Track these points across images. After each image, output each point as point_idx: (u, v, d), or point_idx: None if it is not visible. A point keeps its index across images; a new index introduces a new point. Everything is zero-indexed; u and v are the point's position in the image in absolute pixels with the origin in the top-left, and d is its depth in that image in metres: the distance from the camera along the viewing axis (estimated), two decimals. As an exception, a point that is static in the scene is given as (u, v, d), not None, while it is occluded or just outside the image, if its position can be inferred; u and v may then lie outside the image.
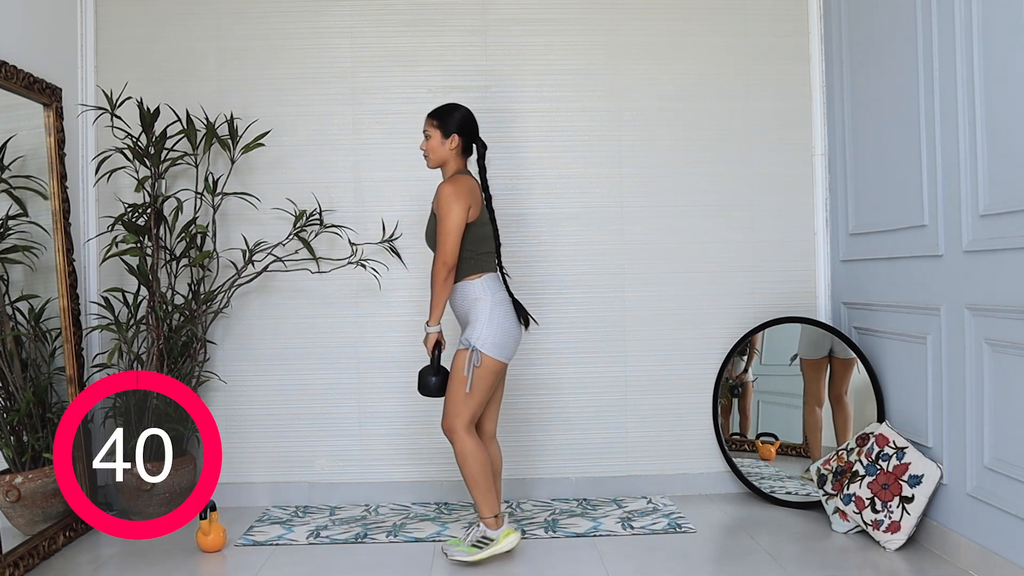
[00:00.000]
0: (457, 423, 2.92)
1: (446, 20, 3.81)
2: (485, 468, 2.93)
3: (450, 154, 3.00)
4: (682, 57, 3.83)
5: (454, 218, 2.87)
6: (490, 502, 2.95)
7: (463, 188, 2.90)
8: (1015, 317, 2.53)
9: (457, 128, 2.99)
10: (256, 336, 3.76)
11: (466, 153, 3.05)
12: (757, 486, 3.65)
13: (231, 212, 3.73)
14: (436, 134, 3.00)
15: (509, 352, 2.95)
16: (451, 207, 2.86)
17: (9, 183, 3.15)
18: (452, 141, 2.99)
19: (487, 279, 2.96)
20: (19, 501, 3.02)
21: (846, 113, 3.62)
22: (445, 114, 3.00)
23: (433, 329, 2.96)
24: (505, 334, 2.92)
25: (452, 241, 2.87)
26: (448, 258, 2.88)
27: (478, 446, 2.93)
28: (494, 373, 2.92)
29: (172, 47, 3.77)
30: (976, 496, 2.75)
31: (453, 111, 3.01)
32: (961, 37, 2.76)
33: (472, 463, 2.91)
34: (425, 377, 2.99)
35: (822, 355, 3.58)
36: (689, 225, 3.83)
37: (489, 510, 2.95)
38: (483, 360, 2.88)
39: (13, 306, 3.17)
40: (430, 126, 3.01)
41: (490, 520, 2.95)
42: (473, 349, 2.88)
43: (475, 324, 2.91)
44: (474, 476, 2.92)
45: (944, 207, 2.90)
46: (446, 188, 2.89)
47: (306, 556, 3.07)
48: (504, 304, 2.96)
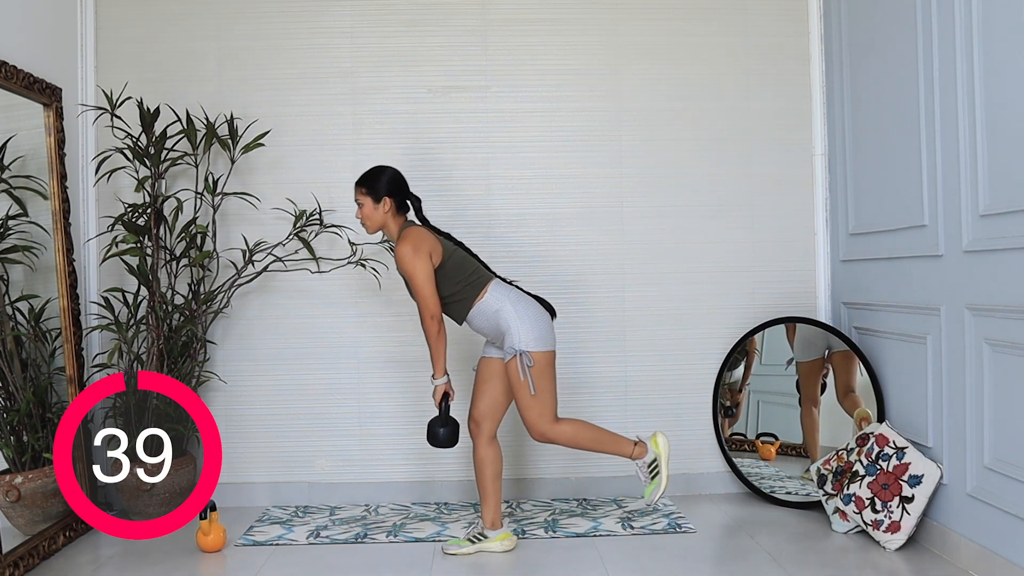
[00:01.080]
0: (544, 425, 2.99)
1: (446, 20, 3.81)
2: (594, 428, 3.07)
3: (386, 217, 3.02)
4: (682, 57, 3.83)
5: (421, 273, 2.91)
6: (620, 443, 3.08)
7: (417, 241, 2.93)
8: (1015, 317, 2.53)
9: (387, 191, 3.00)
10: (256, 336, 3.76)
11: (402, 210, 3.06)
12: (757, 486, 3.65)
13: (231, 212, 3.73)
14: (367, 201, 3.02)
15: (551, 338, 2.99)
16: (415, 264, 2.90)
17: (9, 183, 3.15)
18: (384, 205, 3.00)
19: (494, 288, 3.00)
20: (19, 501, 3.02)
21: (846, 113, 3.62)
22: (372, 180, 3.02)
23: (440, 381, 3.01)
24: (540, 324, 2.97)
25: (429, 293, 2.93)
26: (433, 310, 2.94)
27: (572, 423, 3.05)
28: (549, 364, 2.97)
29: (172, 47, 3.77)
30: (976, 496, 2.75)
31: (379, 175, 3.02)
32: (961, 37, 2.76)
33: (584, 436, 3.04)
34: (434, 428, 3.02)
35: (816, 356, 3.58)
36: (689, 225, 3.83)
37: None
38: (533, 358, 2.92)
39: (13, 306, 3.17)
40: (360, 194, 3.03)
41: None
42: (520, 353, 2.91)
43: (510, 330, 2.94)
44: (595, 441, 3.06)
45: (944, 207, 2.90)
46: (402, 249, 2.92)
47: (306, 556, 3.07)
48: (523, 298, 3.01)
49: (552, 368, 2.99)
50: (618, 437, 3.10)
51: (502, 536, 3.07)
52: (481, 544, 3.05)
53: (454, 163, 3.80)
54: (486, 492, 3.07)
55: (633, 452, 3.09)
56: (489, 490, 3.07)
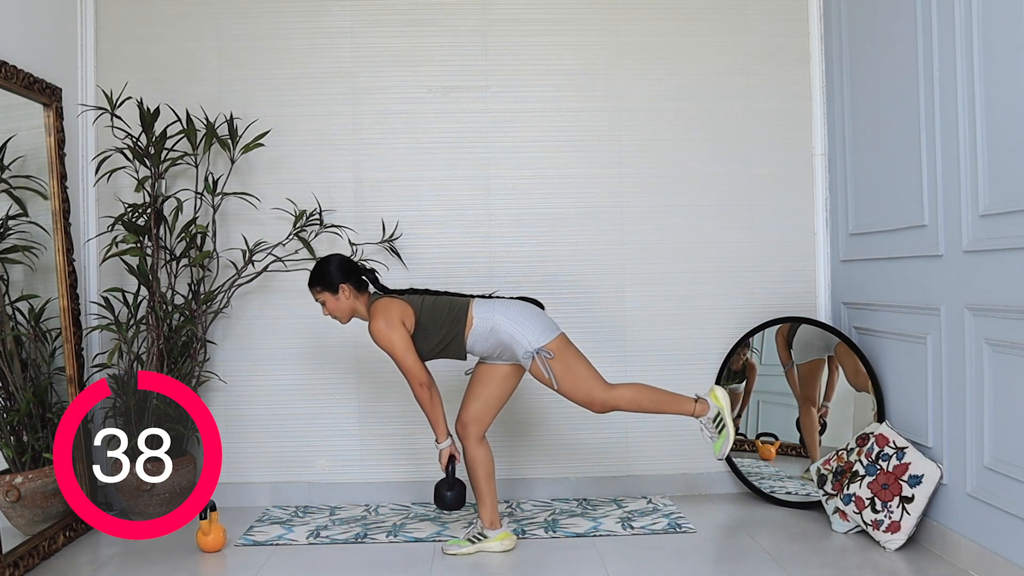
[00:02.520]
0: (599, 397, 2.97)
1: (446, 20, 3.81)
2: (652, 389, 3.04)
3: (351, 302, 3.01)
4: (682, 57, 3.83)
5: (399, 344, 2.90)
6: (682, 402, 3.03)
7: (387, 313, 2.92)
8: (1015, 317, 2.53)
9: (340, 278, 2.99)
10: (256, 336, 3.76)
11: (362, 289, 3.05)
12: (757, 486, 3.65)
13: (231, 212, 3.73)
14: (327, 296, 3.01)
15: (553, 325, 2.99)
16: (391, 339, 2.90)
17: (9, 183, 3.15)
18: (344, 292, 2.99)
19: (478, 309, 2.97)
20: (19, 501, 3.02)
21: (846, 113, 3.62)
22: (322, 275, 3.00)
23: (443, 445, 3.01)
24: (536, 318, 2.97)
25: (412, 363, 2.92)
26: (420, 379, 2.93)
27: (629, 385, 3.03)
28: (566, 346, 2.96)
29: (172, 47, 3.77)
30: (976, 496, 2.75)
31: (326, 267, 3.00)
32: (961, 37, 2.76)
33: (644, 397, 3.01)
34: (441, 491, 3.01)
35: (814, 357, 3.58)
36: (689, 225, 3.83)
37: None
38: (550, 349, 2.91)
39: (13, 306, 3.17)
40: (317, 293, 3.02)
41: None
42: (535, 353, 2.90)
43: (514, 339, 2.93)
44: (655, 401, 3.02)
45: (944, 207, 2.90)
46: (375, 327, 2.91)
47: (306, 556, 3.07)
48: (509, 304, 3.00)
49: (572, 347, 2.97)
50: (678, 396, 3.04)
51: (502, 536, 3.07)
52: (481, 544, 3.05)
53: (454, 163, 3.80)
54: (481, 492, 3.07)
55: (695, 410, 3.03)
56: (483, 490, 3.07)
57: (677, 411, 3.05)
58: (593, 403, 2.98)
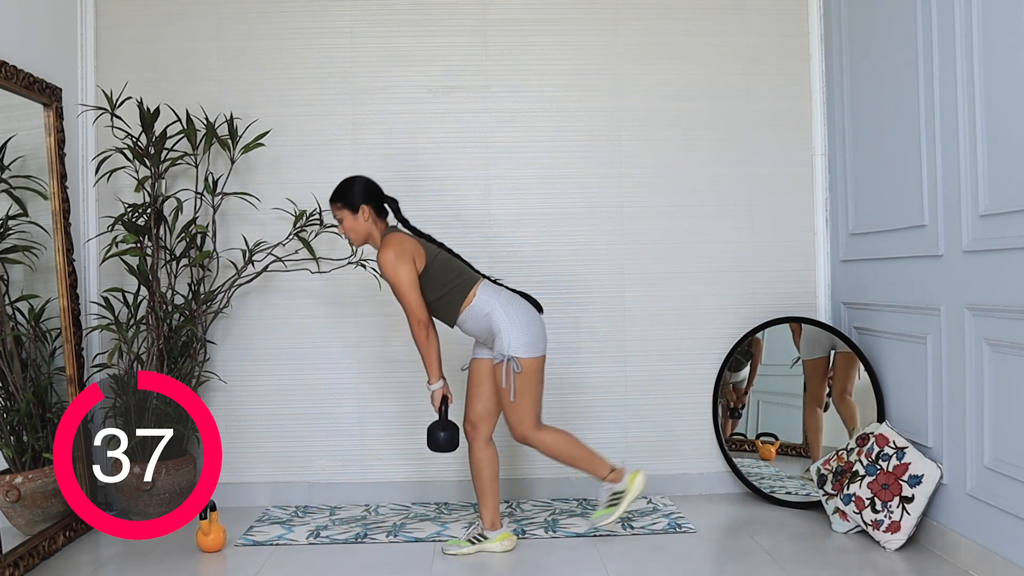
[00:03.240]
0: (526, 429, 2.99)
1: (446, 20, 3.81)
2: (576, 442, 3.06)
3: (368, 225, 3.01)
4: (682, 57, 3.83)
5: (405, 280, 2.89)
6: (597, 464, 3.07)
7: (399, 246, 2.92)
8: (1015, 317, 2.53)
9: (362, 199, 2.99)
10: (256, 336, 3.76)
11: (382, 215, 3.05)
12: (757, 486, 3.65)
13: (231, 212, 3.73)
14: (346, 214, 3.00)
15: (542, 343, 2.98)
16: (397, 271, 2.89)
17: (9, 183, 3.15)
18: (364, 213, 2.99)
19: (483, 290, 2.98)
20: (19, 501, 3.02)
21: (846, 113, 3.62)
22: (346, 192, 3.00)
23: (436, 386, 3.01)
24: (532, 328, 2.96)
25: (415, 300, 2.91)
26: (421, 315, 2.92)
27: (555, 432, 3.04)
28: (537, 370, 2.96)
29: (172, 47, 3.77)
30: (976, 496, 2.75)
31: (351, 186, 3.01)
32: (961, 37, 2.76)
33: (563, 448, 3.03)
34: (434, 433, 3.01)
35: (822, 354, 3.58)
36: (689, 225, 3.83)
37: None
38: (522, 364, 2.91)
39: (13, 306, 3.17)
40: (337, 210, 3.02)
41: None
42: (509, 359, 2.91)
43: (500, 334, 2.93)
44: (572, 455, 3.05)
45: (944, 207, 2.90)
46: (384, 256, 2.90)
47: (306, 556, 3.07)
48: (514, 301, 2.99)
49: (540, 374, 2.98)
50: (597, 459, 3.08)
51: (502, 536, 3.07)
52: (481, 545, 3.05)
53: (454, 163, 3.80)
54: (484, 493, 3.07)
55: (608, 476, 3.08)
56: (487, 491, 3.07)
57: (590, 471, 3.08)
58: (515, 429, 3.00)
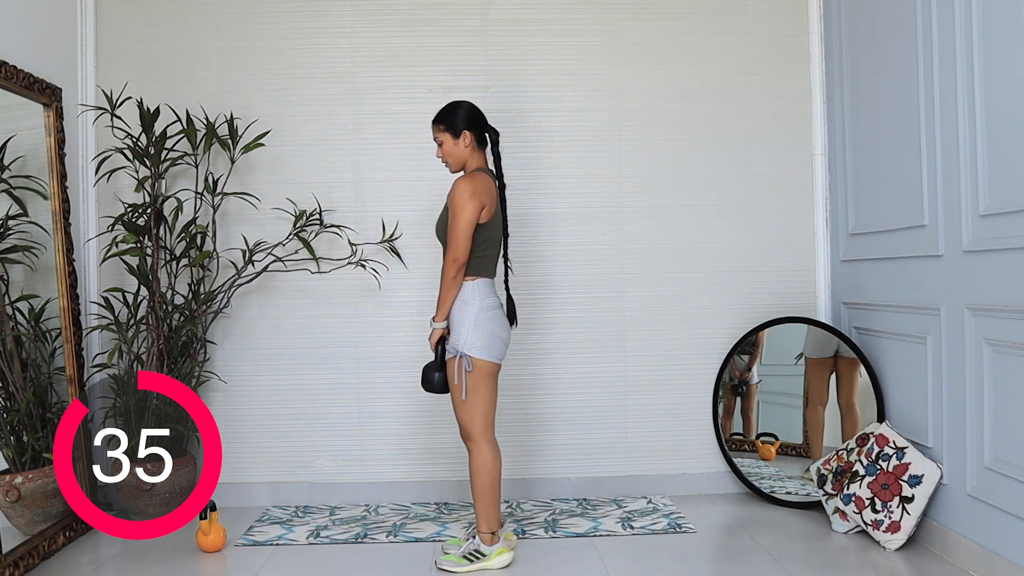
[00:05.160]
0: (474, 430, 2.89)
1: (446, 20, 3.81)
2: (495, 483, 2.91)
3: (466, 152, 2.95)
4: (682, 57, 3.83)
5: (467, 216, 2.82)
6: (491, 518, 2.91)
7: (480, 186, 2.86)
8: (1015, 317, 2.53)
9: (466, 124, 2.94)
10: (256, 336, 3.76)
11: (482, 145, 3.00)
12: (757, 486, 3.65)
13: (231, 212, 3.73)
14: (447, 137, 2.95)
15: (499, 353, 2.91)
16: (465, 205, 2.82)
17: (9, 183, 3.15)
18: (465, 139, 2.94)
19: (480, 284, 2.92)
20: (19, 501, 3.02)
21: (846, 113, 3.62)
22: (450, 115, 2.95)
23: (440, 325, 2.92)
24: (492, 337, 2.88)
25: (464, 239, 2.83)
26: (460, 255, 2.84)
27: (494, 458, 2.91)
28: (489, 375, 2.89)
29: (172, 47, 3.77)
30: (976, 496, 2.75)
31: (456, 109, 2.96)
32: (961, 37, 2.76)
33: (483, 476, 2.89)
34: (429, 373, 2.96)
35: (828, 355, 3.58)
36: (689, 225, 3.83)
37: (488, 526, 2.91)
38: (473, 363, 2.85)
39: (13, 306, 3.17)
40: (438, 131, 2.96)
41: (486, 536, 2.91)
42: (461, 355, 2.86)
43: (459, 328, 2.87)
44: (482, 489, 2.90)
45: (944, 207, 2.90)
46: (462, 184, 2.84)
47: (306, 556, 3.07)
48: (492, 310, 2.91)
49: (491, 380, 2.89)
50: (495, 513, 2.90)
51: (499, 551, 2.92)
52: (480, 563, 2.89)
53: (454, 163, 3.79)
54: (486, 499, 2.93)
55: (484, 533, 2.90)
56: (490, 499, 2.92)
57: (480, 515, 2.89)
58: (464, 428, 2.90)
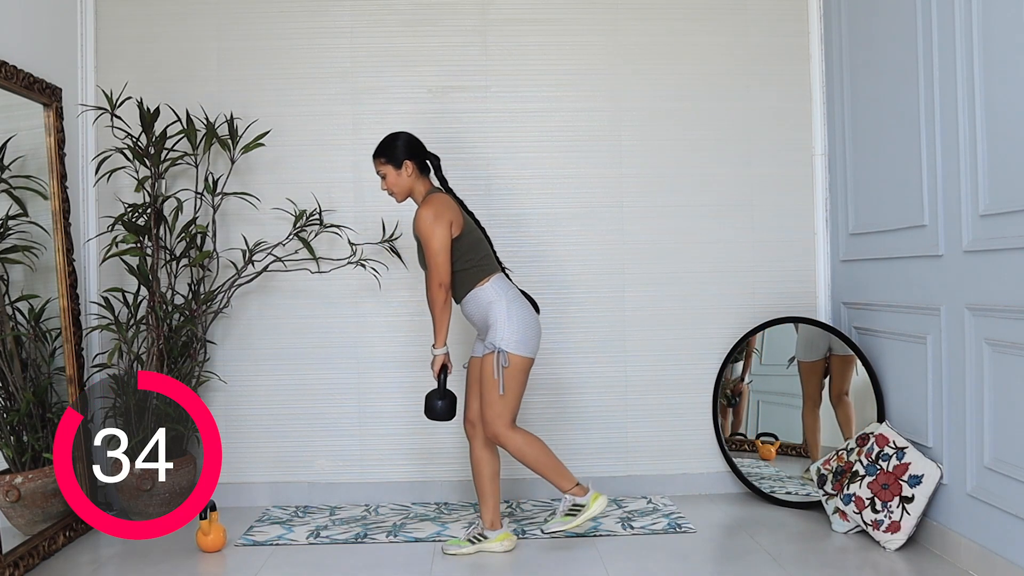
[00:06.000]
0: (499, 427, 2.97)
1: (446, 20, 3.81)
2: (546, 450, 3.02)
3: (410, 181, 3.03)
4: (682, 57, 3.83)
5: (439, 239, 2.91)
6: (563, 475, 3.01)
7: (439, 206, 2.94)
8: (1015, 317, 2.53)
9: (407, 154, 3.01)
10: (256, 336, 3.76)
11: (424, 172, 3.07)
12: (757, 486, 3.65)
13: (231, 212, 3.73)
14: (389, 169, 3.02)
15: (533, 346, 2.99)
16: (433, 229, 2.90)
17: (9, 183, 3.15)
18: (407, 168, 3.01)
19: (496, 281, 3.00)
20: (19, 501, 3.02)
21: (846, 113, 3.62)
22: (390, 147, 3.02)
23: (440, 351, 3.01)
24: (526, 329, 2.96)
25: (443, 261, 2.92)
26: (443, 278, 2.93)
27: (527, 435, 3.01)
28: (523, 370, 2.97)
29: (172, 47, 3.77)
30: (976, 496, 2.75)
31: (395, 141, 3.03)
32: (961, 37, 2.76)
33: (532, 452, 2.99)
34: (432, 401, 3.02)
35: (819, 357, 3.58)
36: (689, 225, 3.83)
37: (566, 482, 3.02)
38: (510, 360, 2.92)
39: (13, 306, 3.17)
40: (380, 165, 3.04)
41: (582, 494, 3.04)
42: (499, 351, 2.91)
43: (495, 326, 2.95)
44: (540, 462, 3.00)
45: (944, 207, 2.90)
46: (422, 212, 2.93)
47: (306, 556, 3.07)
48: (518, 300, 3.01)
49: (525, 375, 2.99)
50: (563, 471, 3.03)
51: (502, 536, 3.07)
52: (481, 544, 3.05)
53: (454, 163, 3.78)
54: (484, 493, 3.08)
55: (571, 489, 3.03)
56: (487, 490, 3.07)
57: (554, 480, 3.02)
58: (489, 426, 2.98)
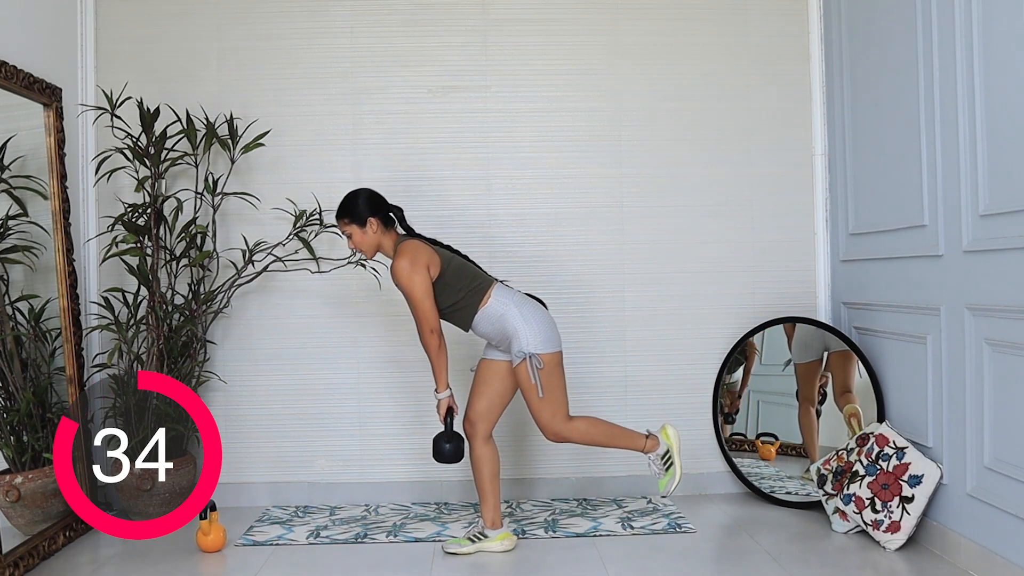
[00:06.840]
0: (558, 425, 3.01)
1: (446, 20, 3.81)
2: (607, 424, 3.10)
3: (377, 237, 3.02)
4: (682, 57, 3.83)
5: (419, 287, 2.90)
6: (633, 438, 3.10)
7: (414, 253, 2.93)
8: (1015, 317, 2.53)
9: (370, 211, 3.00)
10: (256, 336, 3.76)
11: (389, 226, 3.07)
12: (757, 486, 3.66)
13: (231, 212, 3.73)
14: (354, 229, 3.01)
15: (557, 339, 3.01)
16: (412, 279, 2.90)
17: (9, 183, 3.15)
18: (372, 226, 3.00)
19: (497, 293, 3.01)
20: (19, 501, 3.02)
21: (846, 113, 3.62)
22: (351, 207, 3.01)
23: (443, 395, 3.02)
24: (545, 326, 2.99)
25: (428, 307, 2.92)
26: (432, 324, 2.94)
27: (585, 418, 3.07)
28: (558, 364, 2.99)
29: (172, 47, 3.77)
30: (976, 496, 2.75)
31: (356, 200, 3.02)
32: (961, 37, 2.76)
33: (597, 432, 3.07)
34: (440, 444, 3.01)
35: (814, 357, 3.59)
36: (689, 225, 3.83)
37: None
38: (543, 360, 2.94)
39: (13, 306, 3.17)
40: (344, 225, 3.03)
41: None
42: (529, 356, 2.92)
43: (517, 334, 2.95)
44: (609, 437, 3.08)
45: (944, 207, 2.90)
46: (399, 264, 2.91)
47: (306, 556, 3.07)
48: (526, 301, 3.02)
49: (561, 368, 3.01)
50: (630, 432, 3.12)
51: (502, 536, 3.07)
52: (481, 543, 3.05)
53: (454, 163, 3.80)
54: (484, 491, 3.08)
55: (645, 446, 3.11)
56: (487, 489, 3.07)
57: (628, 446, 3.10)
58: (549, 428, 3.01)
